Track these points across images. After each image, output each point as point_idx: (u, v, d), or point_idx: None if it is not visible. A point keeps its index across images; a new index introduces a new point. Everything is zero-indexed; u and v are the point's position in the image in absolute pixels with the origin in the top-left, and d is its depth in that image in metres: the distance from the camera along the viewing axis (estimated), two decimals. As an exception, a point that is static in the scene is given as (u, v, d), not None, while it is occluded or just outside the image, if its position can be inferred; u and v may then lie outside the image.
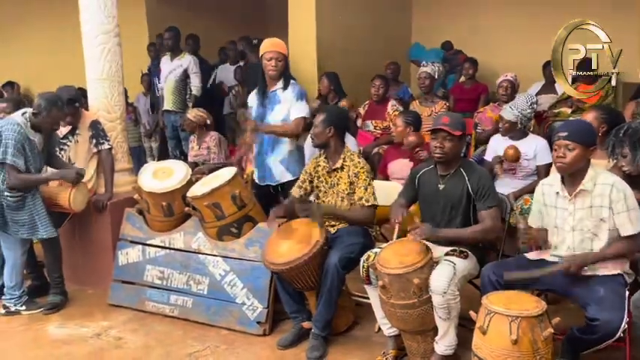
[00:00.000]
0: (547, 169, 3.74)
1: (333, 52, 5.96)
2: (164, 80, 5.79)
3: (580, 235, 2.42)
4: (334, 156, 3.15)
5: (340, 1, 6.08)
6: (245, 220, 3.39)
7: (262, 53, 3.62)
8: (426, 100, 4.86)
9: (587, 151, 2.41)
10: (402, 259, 2.56)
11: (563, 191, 2.46)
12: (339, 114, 3.28)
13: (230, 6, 7.89)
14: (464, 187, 2.72)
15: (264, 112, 3.66)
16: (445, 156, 2.73)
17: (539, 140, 3.84)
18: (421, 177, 2.89)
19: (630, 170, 2.72)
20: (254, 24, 8.16)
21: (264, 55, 3.60)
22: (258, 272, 3.23)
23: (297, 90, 3.59)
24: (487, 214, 2.65)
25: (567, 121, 2.53)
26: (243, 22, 8.10)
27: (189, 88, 5.77)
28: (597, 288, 2.31)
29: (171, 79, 5.72)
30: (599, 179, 2.38)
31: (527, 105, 3.77)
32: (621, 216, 2.33)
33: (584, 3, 6.70)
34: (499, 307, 2.19)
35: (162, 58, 5.93)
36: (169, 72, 5.73)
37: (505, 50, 7.02)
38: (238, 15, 8.07)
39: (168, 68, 5.74)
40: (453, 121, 2.74)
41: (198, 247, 3.47)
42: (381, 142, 4.77)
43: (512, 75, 4.64)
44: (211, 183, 3.38)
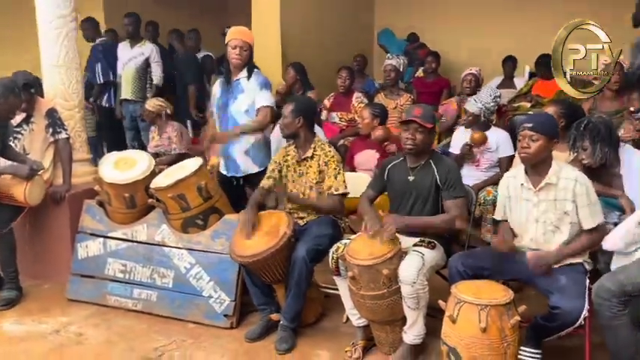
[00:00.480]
0: (509, 161, 3.83)
1: (297, 43, 5.93)
2: (122, 68, 5.59)
3: (543, 228, 2.50)
4: (304, 145, 3.12)
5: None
6: (211, 211, 3.32)
7: (228, 41, 3.54)
8: (392, 92, 4.89)
9: (551, 142, 2.47)
10: (371, 250, 2.57)
11: (528, 183, 2.52)
12: (308, 104, 3.26)
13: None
14: (433, 179, 2.75)
15: (227, 100, 3.59)
16: (416, 147, 2.75)
17: (501, 133, 3.93)
18: (391, 169, 2.91)
19: (590, 163, 2.81)
20: (216, 12, 8.01)
21: (229, 43, 3.53)
22: (225, 265, 3.18)
23: (260, 79, 3.54)
24: (453, 203, 2.69)
25: (533, 114, 2.59)
26: (204, 10, 7.93)
27: (149, 77, 5.61)
28: (559, 277, 2.39)
29: (130, 67, 5.53)
30: (562, 173, 2.46)
31: (491, 98, 3.85)
32: (584, 210, 2.40)
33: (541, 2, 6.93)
34: (469, 296, 2.23)
35: (119, 44, 5.73)
36: (129, 59, 5.54)
37: (466, 45, 7.16)
38: (198, 3, 7.90)
39: (128, 55, 5.55)
40: (425, 113, 2.76)
41: (163, 240, 3.38)
42: (347, 133, 4.78)
43: (476, 69, 4.74)
44: (176, 174, 3.30)
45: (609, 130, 2.80)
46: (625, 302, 2.21)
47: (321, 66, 5.93)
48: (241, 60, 3.50)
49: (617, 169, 2.84)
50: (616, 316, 2.21)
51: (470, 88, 4.65)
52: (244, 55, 3.49)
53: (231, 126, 3.59)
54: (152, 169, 3.52)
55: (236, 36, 3.51)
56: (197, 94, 5.86)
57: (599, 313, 2.26)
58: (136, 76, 5.54)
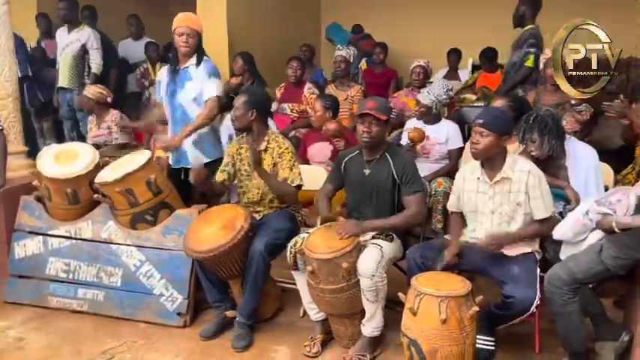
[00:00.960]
0: (458, 153, 3.91)
1: (244, 33, 5.80)
2: (60, 54, 5.28)
3: (498, 219, 2.56)
4: (258, 138, 3.05)
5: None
6: (161, 206, 3.20)
7: (174, 28, 3.41)
8: (342, 84, 4.87)
9: (500, 139, 2.51)
10: (330, 243, 2.55)
11: (484, 176, 2.57)
12: (261, 96, 3.18)
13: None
14: (389, 172, 2.76)
15: (174, 88, 3.46)
16: (372, 140, 2.74)
17: (451, 125, 4.00)
18: (347, 162, 2.89)
19: (538, 155, 2.90)
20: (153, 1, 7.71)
21: (175, 30, 3.39)
22: (177, 261, 3.07)
23: (209, 67, 3.42)
24: (412, 199, 2.70)
25: (485, 109, 2.64)
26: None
27: (87, 65, 5.32)
28: (512, 266, 2.46)
29: (67, 54, 5.23)
30: (516, 166, 2.52)
31: (444, 91, 3.90)
32: (537, 201, 2.48)
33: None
34: (429, 289, 2.25)
35: (58, 30, 5.40)
36: (66, 45, 5.24)
37: (411, 37, 7.26)
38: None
39: (65, 41, 5.25)
40: (379, 105, 2.75)
41: (109, 237, 3.23)
42: (298, 125, 4.73)
43: (424, 61, 4.78)
44: (123, 167, 3.15)
45: (556, 122, 2.90)
46: (575, 290, 2.31)
47: (268, 56, 5.84)
48: (189, 47, 3.37)
49: (563, 160, 2.94)
50: (567, 303, 2.31)
51: (418, 80, 4.69)
52: (191, 43, 3.36)
53: (180, 115, 3.47)
54: (96, 162, 3.34)
55: (182, 23, 3.37)
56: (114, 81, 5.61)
57: (551, 301, 2.35)
58: (73, 63, 5.25)
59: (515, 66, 4.46)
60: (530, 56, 4.31)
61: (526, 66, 4.37)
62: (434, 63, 5.64)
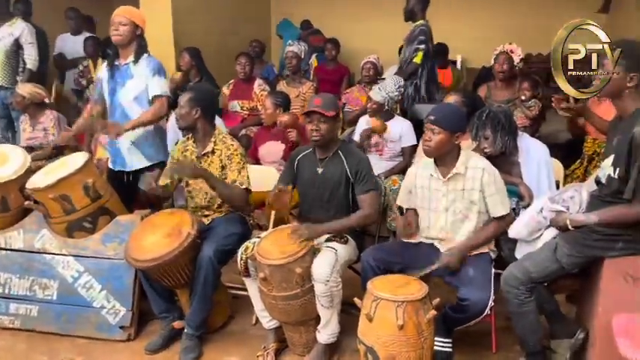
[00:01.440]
0: (412, 150, 3.87)
1: (190, 28, 5.58)
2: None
3: (452, 217, 2.51)
4: (204, 139, 2.89)
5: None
6: (100, 213, 2.97)
7: (111, 20, 3.21)
8: (293, 80, 4.76)
9: (453, 136, 2.45)
10: (282, 248, 2.43)
11: (437, 173, 2.51)
12: (207, 93, 3.02)
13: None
14: (342, 171, 2.66)
15: (114, 86, 3.25)
16: (322, 138, 2.64)
17: (404, 122, 3.94)
18: (300, 161, 2.78)
19: (491, 152, 2.86)
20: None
21: (111, 22, 3.19)
22: (118, 271, 2.87)
23: (152, 64, 3.21)
24: (366, 198, 2.62)
25: (438, 105, 2.59)
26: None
27: (22, 61, 4.98)
28: (467, 269, 2.42)
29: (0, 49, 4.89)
30: (470, 163, 2.47)
31: (395, 88, 3.84)
32: (493, 198, 2.44)
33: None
34: (385, 293, 2.17)
35: None
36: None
37: (363, 33, 7.21)
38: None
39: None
40: (326, 101, 2.66)
41: (43, 247, 2.98)
42: (248, 123, 4.58)
43: (374, 57, 4.73)
44: (58, 171, 2.91)
45: (509, 119, 2.88)
46: (531, 289, 2.28)
47: (216, 52, 5.65)
48: (121, 35, 3.14)
49: (515, 157, 2.93)
50: (523, 302, 2.27)
51: (369, 77, 4.63)
52: (124, 31, 3.13)
53: (119, 115, 3.25)
54: (27, 167, 3.09)
55: (118, 12, 3.17)
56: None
57: (508, 301, 2.32)
58: (6, 59, 4.93)
59: (407, 62, 4.53)
60: (418, 53, 4.37)
61: (414, 62, 4.44)
62: (386, 59, 5.62)
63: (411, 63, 4.44)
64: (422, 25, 4.43)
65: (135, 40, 3.19)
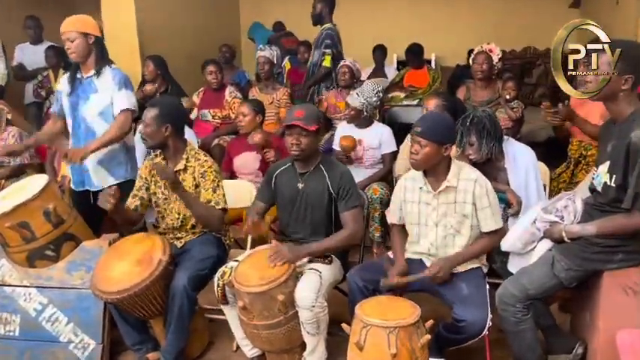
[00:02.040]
0: (392, 157, 3.74)
1: (156, 35, 5.36)
2: None
3: (443, 231, 2.37)
4: (175, 156, 2.70)
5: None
6: (64, 239, 2.75)
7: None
8: (266, 86, 4.56)
9: (441, 148, 2.30)
10: (262, 273, 2.26)
11: (427, 186, 2.37)
12: (176, 107, 2.81)
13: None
14: (324, 187, 2.51)
15: (76, 100, 3.03)
16: (302, 153, 2.48)
17: (384, 128, 3.82)
18: (278, 176, 2.61)
19: (477, 158, 2.75)
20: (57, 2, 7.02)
21: (63, 42, 2.99)
22: (86, 302, 2.66)
23: (118, 77, 3.00)
24: (350, 215, 2.46)
25: (425, 115, 2.44)
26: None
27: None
28: (461, 285, 2.28)
29: None
30: (462, 174, 2.34)
31: (374, 93, 3.71)
32: (484, 212, 2.31)
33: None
34: (375, 319, 2.02)
35: None
36: None
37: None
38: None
39: None
40: (308, 114, 2.49)
41: (2, 278, 2.75)
42: (221, 132, 4.39)
43: (350, 60, 4.56)
44: (14, 197, 2.68)
45: (494, 123, 2.76)
46: (528, 306, 2.16)
47: (184, 58, 5.43)
48: (77, 53, 2.94)
49: (502, 162, 2.81)
50: (521, 321, 2.15)
51: (344, 80, 4.47)
52: (77, 47, 2.93)
53: (83, 130, 3.05)
54: (-18, 192, 2.85)
55: (62, 27, 2.95)
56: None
57: (504, 319, 2.19)
58: None
59: (316, 65, 4.65)
60: (326, 56, 4.50)
61: (324, 66, 4.59)
62: (359, 60, 5.49)
63: (322, 67, 4.57)
64: (328, 29, 4.52)
65: (92, 50, 2.98)
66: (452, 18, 7.32)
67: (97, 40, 3.00)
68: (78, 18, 3.03)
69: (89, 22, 3.05)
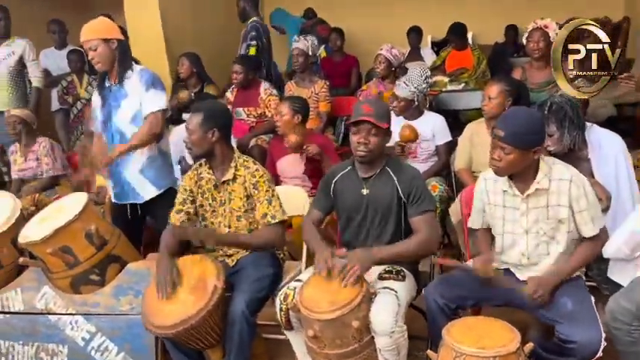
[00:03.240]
0: (447, 148, 3.47)
1: (181, 32, 5.12)
2: None
3: (535, 239, 2.07)
4: (222, 165, 2.46)
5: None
6: (108, 261, 2.56)
7: None
8: (303, 79, 4.28)
9: (529, 153, 1.99)
10: (332, 297, 2.01)
11: (513, 189, 2.08)
12: (221, 110, 2.55)
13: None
14: (393, 191, 2.23)
15: (109, 110, 2.84)
16: (370, 154, 2.20)
17: (437, 117, 3.52)
18: (338, 182, 2.34)
19: (558, 150, 2.45)
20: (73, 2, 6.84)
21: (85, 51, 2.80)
22: (136, 329, 2.45)
23: (146, 77, 2.79)
24: (422, 220, 2.18)
25: (507, 115, 2.06)
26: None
27: (27, 80, 4.60)
28: (563, 300, 1.98)
29: (2, 72, 4.49)
30: (554, 174, 2.03)
31: (422, 79, 3.41)
32: (583, 214, 2.00)
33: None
34: (471, 348, 1.75)
35: None
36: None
37: (365, 17, 6.72)
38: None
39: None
40: (378, 110, 2.21)
41: (47, 307, 2.57)
42: (258, 131, 4.12)
43: (387, 47, 4.20)
44: (53, 219, 2.49)
45: (576, 110, 2.45)
46: (645, 323, 1.87)
47: (209, 56, 5.17)
48: (102, 62, 2.75)
49: (584, 152, 2.52)
50: (637, 340, 1.86)
51: (381, 70, 4.14)
52: (99, 55, 2.73)
53: (118, 141, 2.85)
54: (18, 215, 2.67)
55: (82, 37, 2.75)
56: None
57: (617, 338, 1.91)
58: (12, 80, 4.53)
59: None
60: (251, 48, 4.53)
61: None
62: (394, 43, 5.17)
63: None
64: (253, 22, 4.56)
65: (116, 55, 2.77)
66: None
67: (119, 45, 2.79)
68: (97, 23, 2.83)
69: (109, 25, 2.84)
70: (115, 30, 2.84)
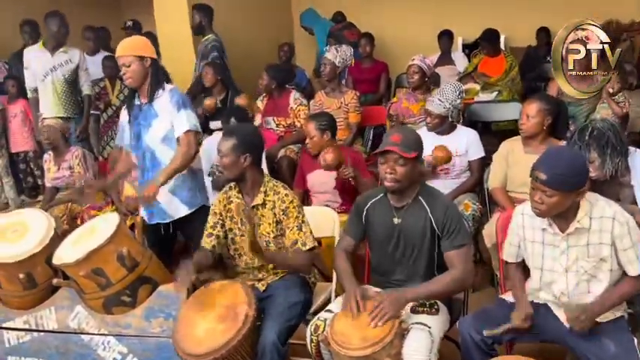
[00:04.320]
0: (481, 164, 3.39)
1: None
2: (40, 79, 4.58)
3: (575, 278, 2.00)
4: (252, 190, 2.45)
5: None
6: (140, 282, 2.56)
7: None
8: (333, 90, 4.24)
9: (572, 194, 1.92)
10: (364, 333, 1.97)
11: (553, 227, 2.00)
12: (253, 135, 2.53)
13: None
14: (426, 222, 2.19)
15: (139, 129, 2.85)
16: (399, 184, 2.16)
17: (470, 132, 3.44)
18: (370, 209, 2.30)
19: (599, 176, 2.37)
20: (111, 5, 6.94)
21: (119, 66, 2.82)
22: (166, 351, 2.44)
23: (176, 97, 2.80)
24: (457, 255, 2.13)
25: (548, 157, 1.96)
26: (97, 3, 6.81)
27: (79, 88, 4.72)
28: (606, 342, 1.91)
29: (58, 78, 4.57)
30: (595, 212, 1.95)
31: (456, 95, 3.33)
32: (627, 253, 1.93)
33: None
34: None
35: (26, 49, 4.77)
36: (51, 69, 4.55)
37: (394, 21, 6.63)
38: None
39: (49, 64, 4.55)
40: (406, 139, 2.16)
41: (79, 326, 2.59)
42: (287, 141, 4.11)
43: (419, 57, 4.11)
44: (86, 241, 2.50)
45: (618, 135, 2.36)
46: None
47: (239, 60, 5.17)
48: (133, 79, 2.76)
49: (627, 178, 2.42)
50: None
51: (414, 81, 4.06)
52: (132, 72, 2.75)
53: (149, 160, 2.88)
54: (52, 234, 2.70)
55: (118, 52, 2.78)
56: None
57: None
58: (67, 88, 4.64)
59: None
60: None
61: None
62: (424, 47, 5.08)
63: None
64: (214, 41, 4.60)
65: (149, 73, 2.78)
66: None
67: (153, 63, 2.80)
68: (133, 40, 2.87)
69: (145, 44, 2.85)
70: (150, 48, 2.85)
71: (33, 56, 4.63)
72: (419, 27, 6.28)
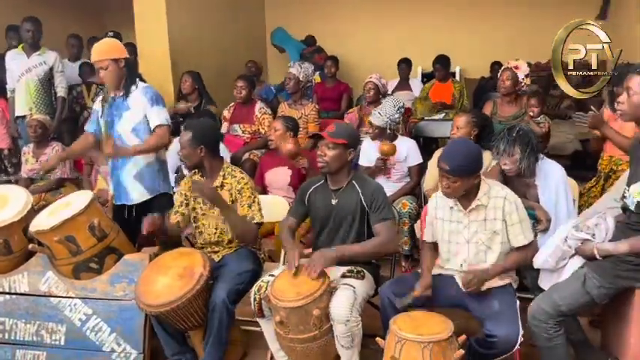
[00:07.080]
0: (419, 169, 3.81)
1: (187, 51, 5.52)
2: (16, 80, 4.83)
3: (475, 248, 2.42)
4: (212, 174, 2.81)
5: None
6: (107, 252, 2.88)
7: None
8: (295, 102, 4.68)
9: (471, 178, 2.34)
10: (298, 289, 2.34)
11: (458, 205, 2.43)
12: (208, 128, 2.91)
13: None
14: (357, 201, 2.58)
15: (112, 118, 3.17)
16: (327, 166, 2.56)
17: (409, 142, 3.89)
18: (312, 193, 2.70)
19: (511, 170, 2.75)
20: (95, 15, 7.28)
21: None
22: (128, 313, 2.77)
23: (150, 94, 3.14)
24: (382, 226, 2.52)
25: (450, 150, 2.39)
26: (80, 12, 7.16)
27: (53, 90, 4.94)
28: (492, 302, 2.32)
29: (32, 79, 4.81)
30: (492, 192, 2.39)
31: (395, 110, 3.77)
32: (514, 227, 2.36)
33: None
34: (410, 334, 2.09)
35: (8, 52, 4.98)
36: (26, 70, 4.81)
37: (359, 47, 7.16)
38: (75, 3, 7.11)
39: (25, 65, 4.81)
40: (339, 129, 2.59)
41: (49, 290, 2.89)
42: (252, 146, 4.50)
43: (376, 76, 4.63)
44: (61, 212, 2.82)
45: (537, 141, 2.81)
46: (560, 322, 2.21)
47: (212, 74, 5.57)
48: (111, 80, 3.10)
49: (533, 179, 2.85)
50: (552, 337, 2.20)
51: (370, 97, 4.55)
52: (109, 75, 3.08)
53: (120, 145, 3.18)
54: (29, 207, 3.00)
55: (94, 57, 3.11)
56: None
57: (536, 336, 2.24)
58: (41, 88, 4.84)
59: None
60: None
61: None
62: (385, 73, 5.57)
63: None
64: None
65: (124, 73, 3.12)
66: (475, 30, 7.32)
67: (126, 62, 3.14)
68: (106, 44, 3.19)
69: (117, 45, 3.19)
70: (123, 50, 3.18)
71: (11, 58, 4.89)
72: (381, 54, 6.81)
